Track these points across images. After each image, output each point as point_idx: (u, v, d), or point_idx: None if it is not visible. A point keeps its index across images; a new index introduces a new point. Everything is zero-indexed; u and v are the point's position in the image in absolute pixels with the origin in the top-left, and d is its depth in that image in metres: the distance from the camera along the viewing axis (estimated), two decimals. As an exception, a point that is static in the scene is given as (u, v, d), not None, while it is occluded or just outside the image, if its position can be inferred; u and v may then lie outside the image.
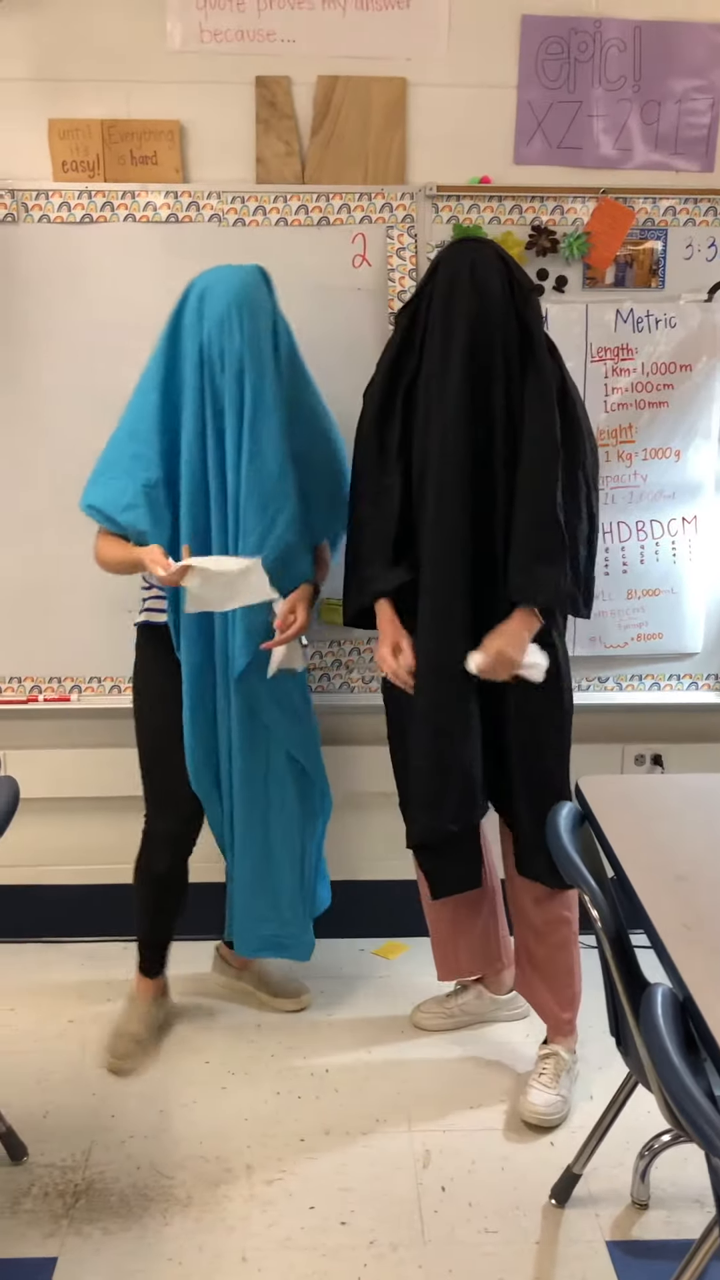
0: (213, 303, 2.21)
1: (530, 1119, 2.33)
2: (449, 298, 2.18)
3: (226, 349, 2.21)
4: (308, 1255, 2.02)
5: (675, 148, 2.64)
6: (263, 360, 2.23)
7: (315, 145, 2.59)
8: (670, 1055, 1.21)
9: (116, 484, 2.29)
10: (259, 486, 2.26)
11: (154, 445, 2.28)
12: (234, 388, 2.23)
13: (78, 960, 2.96)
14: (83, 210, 2.57)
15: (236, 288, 2.21)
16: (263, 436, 2.24)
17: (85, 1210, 2.11)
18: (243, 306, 2.20)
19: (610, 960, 1.67)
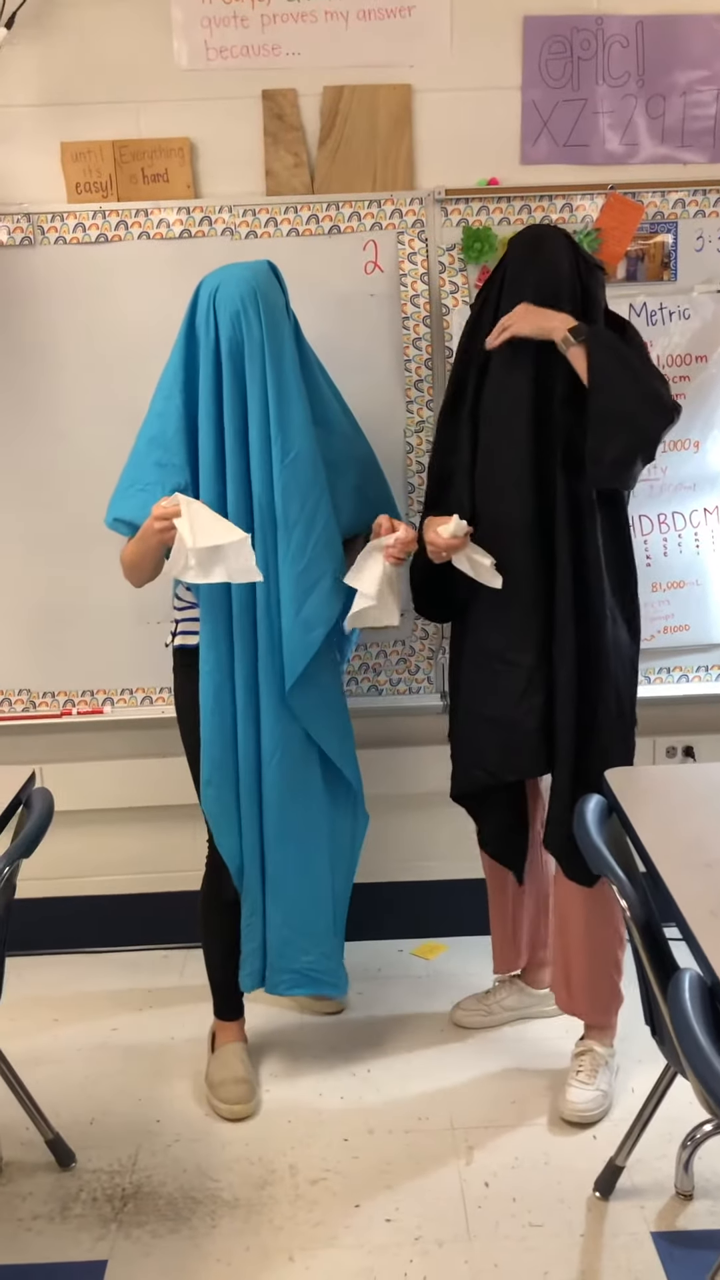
0: (226, 298, 2.18)
1: (570, 1117, 2.33)
2: (520, 272, 2.24)
3: (247, 340, 2.17)
4: (354, 1253, 2.03)
5: (682, 140, 2.65)
6: (283, 349, 2.21)
7: (323, 155, 2.62)
8: (698, 1038, 1.22)
9: (143, 495, 2.24)
10: (296, 477, 2.21)
11: (179, 451, 2.24)
12: (257, 379, 2.19)
13: (118, 969, 3.00)
14: (97, 230, 2.61)
15: (249, 280, 2.19)
16: (292, 427, 2.21)
17: (133, 1214, 2.14)
18: (258, 297, 2.18)
19: (641, 949, 1.68)
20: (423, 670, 2.89)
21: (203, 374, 2.22)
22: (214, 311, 2.19)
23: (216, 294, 2.20)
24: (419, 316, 2.67)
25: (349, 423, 2.43)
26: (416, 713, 2.91)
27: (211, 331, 2.20)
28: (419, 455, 2.75)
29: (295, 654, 2.27)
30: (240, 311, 2.17)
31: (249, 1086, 2.42)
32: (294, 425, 2.21)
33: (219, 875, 2.42)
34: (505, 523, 2.26)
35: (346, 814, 2.48)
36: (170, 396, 2.26)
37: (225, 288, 2.19)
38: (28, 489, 2.75)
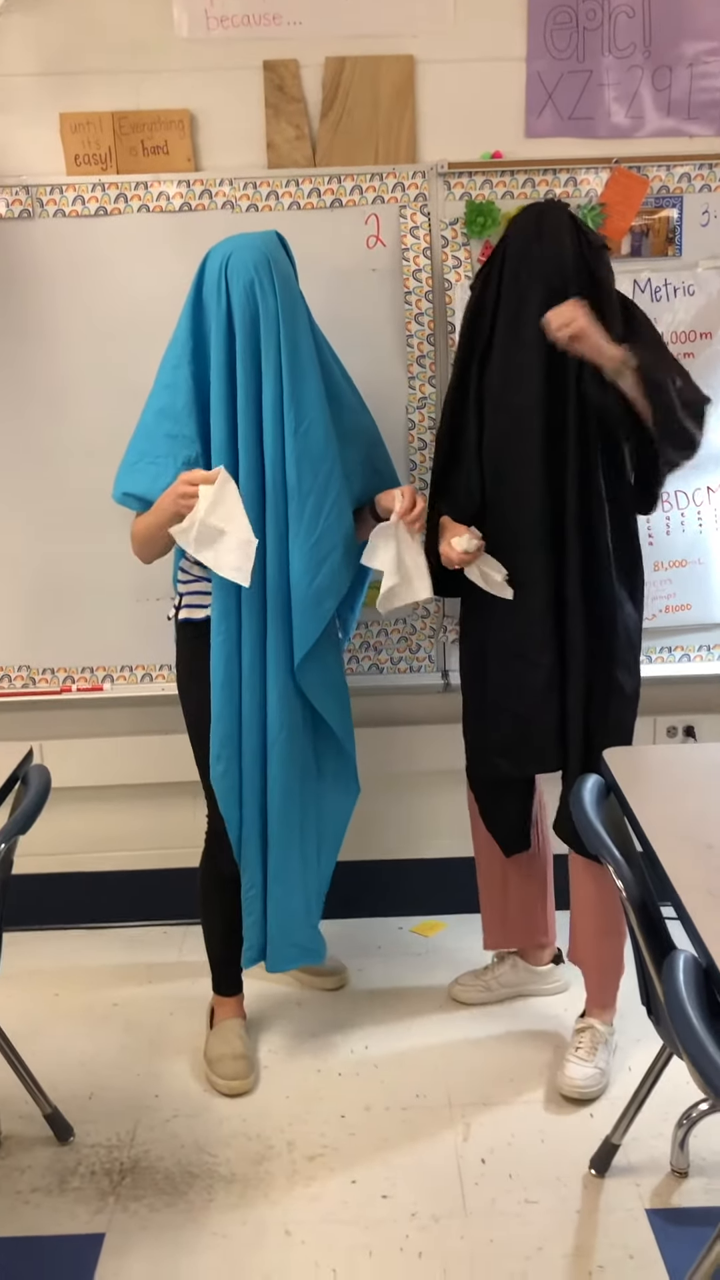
0: (239, 267, 2.14)
1: (568, 1093, 2.34)
2: (522, 254, 2.20)
3: (262, 309, 2.14)
4: (350, 1228, 2.04)
5: (688, 113, 2.61)
6: (296, 319, 2.19)
7: (325, 127, 2.59)
8: (691, 1020, 1.21)
9: (154, 468, 2.21)
10: (309, 447, 2.19)
11: (189, 423, 2.20)
12: (272, 348, 2.16)
13: (119, 945, 3.01)
14: (96, 203, 2.59)
15: (262, 249, 2.16)
16: (305, 397, 2.18)
17: (131, 1187, 2.15)
18: (271, 266, 2.15)
19: (636, 930, 1.68)
20: (424, 649, 2.88)
21: (214, 345, 2.19)
22: (225, 281, 2.16)
23: (228, 263, 2.16)
24: (421, 292, 2.65)
25: (355, 396, 2.41)
26: (417, 691, 2.91)
27: (223, 301, 2.17)
28: (421, 432, 2.73)
29: (307, 625, 2.26)
30: (255, 280, 2.14)
31: (247, 1062, 2.43)
32: (307, 395, 2.19)
33: (218, 849, 2.42)
34: (515, 508, 2.25)
35: (340, 787, 2.49)
36: (179, 367, 2.22)
37: (237, 256, 2.16)
38: (26, 464, 2.73)
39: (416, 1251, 1.99)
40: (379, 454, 2.45)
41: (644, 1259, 1.95)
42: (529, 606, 2.27)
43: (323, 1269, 1.96)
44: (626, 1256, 1.96)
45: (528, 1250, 1.98)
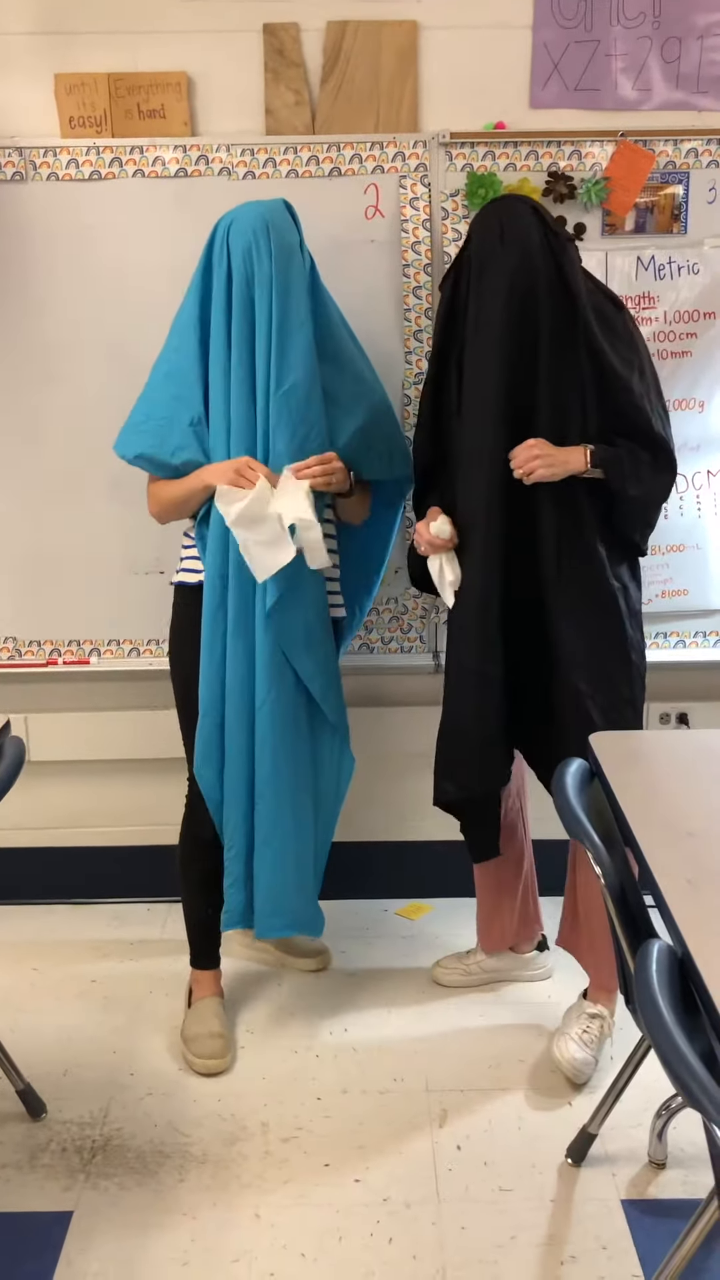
0: (239, 231, 2.19)
1: (567, 1068, 2.33)
2: (485, 257, 2.16)
3: (257, 271, 2.17)
4: (321, 1211, 2.02)
5: (698, 86, 2.55)
6: (290, 282, 2.19)
7: (325, 94, 2.54)
8: (661, 1010, 1.18)
9: (162, 429, 2.26)
10: (289, 408, 2.19)
11: (195, 385, 2.24)
12: (265, 310, 2.18)
13: (101, 921, 2.98)
14: (91, 167, 2.54)
15: (262, 213, 2.19)
16: (291, 357, 2.18)
17: (102, 1165, 2.13)
18: (269, 229, 2.18)
19: (614, 917, 1.64)
20: (415, 629, 2.84)
21: (215, 308, 2.23)
22: (227, 246, 2.20)
23: (230, 228, 2.21)
24: (420, 264, 2.60)
25: (365, 366, 2.40)
26: (408, 672, 2.87)
27: (224, 265, 2.21)
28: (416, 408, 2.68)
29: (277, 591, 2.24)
30: (251, 244, 2.18)
31: (224, 1042, 2.41)
32: (293, 356, 2.18)
33: (197, 813, 2.42)
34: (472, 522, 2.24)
35: (333, 757, 2.46)
36: (185, 331, 2.27)
37: (239, 222, 2.21)
38: (16, 431, 2.69)
39: (387, 1237, 1.96)
40: (382, 429, 2.40)
41: (616, 1250, 1.93)
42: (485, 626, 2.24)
43: (291, 1252, 1.93)
44: (599, 1247, 1.94)
45: (500, 1239, 1.96)
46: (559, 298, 2.14)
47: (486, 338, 2.16)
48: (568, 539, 2.22)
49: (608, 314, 2.22)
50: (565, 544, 2.22)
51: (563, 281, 2.14)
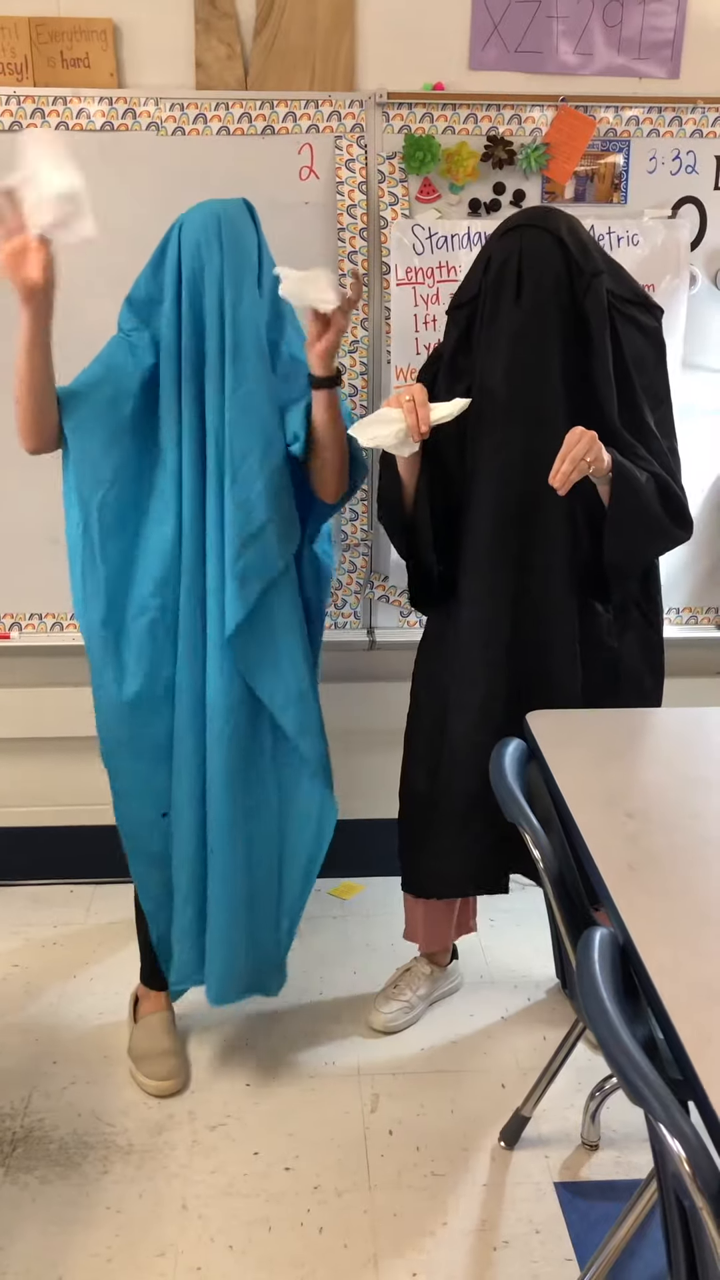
0: (191, 228, 2.04)
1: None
2: (498, 295, 2.02)
3: (207, 268, 2.02)
4: (250, 1201, 1.97)
5: (639, 52, 2.50)
6: (243, 281, 2.04)
7: (258, 48, 2.44)
8: (603, 999, 1.14)
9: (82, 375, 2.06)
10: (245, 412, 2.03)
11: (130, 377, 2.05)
12: (215, 310, 2.03)
13: (21, 903, 2.89)
14: (10, 117, 2.42)
15: (217, 211, 2.04)
16: (245, 360, 2.03)
17: (23, 1159, 2.06)
18: (221, 226, 2.03)
19: (553, 902, 1.61)
20: (349, 604, 2.78)
21: (165, 307, 2.06)
22: (179, 244, 2.05)
23: (182, 227, 2.06)
24: (355, 229, 2.52)
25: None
26: (342, 648, 2.81)
27: (175, 264, 2.05)
28: (351, 378, 2.61)
29: (232, 607, 2.05)
30: (202, 241, 2.02)
31: (178, 1060, 2.27)
32: (248, 359, 2.03)
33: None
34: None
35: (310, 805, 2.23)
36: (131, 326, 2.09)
37: (191, 218, 2.05)
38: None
39: (318, 1226, 1.92)
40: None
41: (549, 1233, 1.91)
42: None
43: (219, 1244, 1.89)
44: (533, 1230, 1.92)
45: (432, 1225, 1.93)
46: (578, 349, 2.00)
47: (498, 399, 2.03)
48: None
49: (637, 348, 2.07)
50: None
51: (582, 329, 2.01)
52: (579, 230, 2.05)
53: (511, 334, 2.01)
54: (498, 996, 2.54)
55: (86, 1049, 2.35)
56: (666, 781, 1.75)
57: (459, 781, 2.17)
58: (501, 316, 2.02)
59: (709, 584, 2.82)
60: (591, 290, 2.01)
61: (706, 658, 2.90)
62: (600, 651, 2.13)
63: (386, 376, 2.60)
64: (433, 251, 2.50)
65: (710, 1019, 1.15)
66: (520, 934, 2.74)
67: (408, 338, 2.54)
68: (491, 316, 2.04)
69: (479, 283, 2.07)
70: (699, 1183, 0.99)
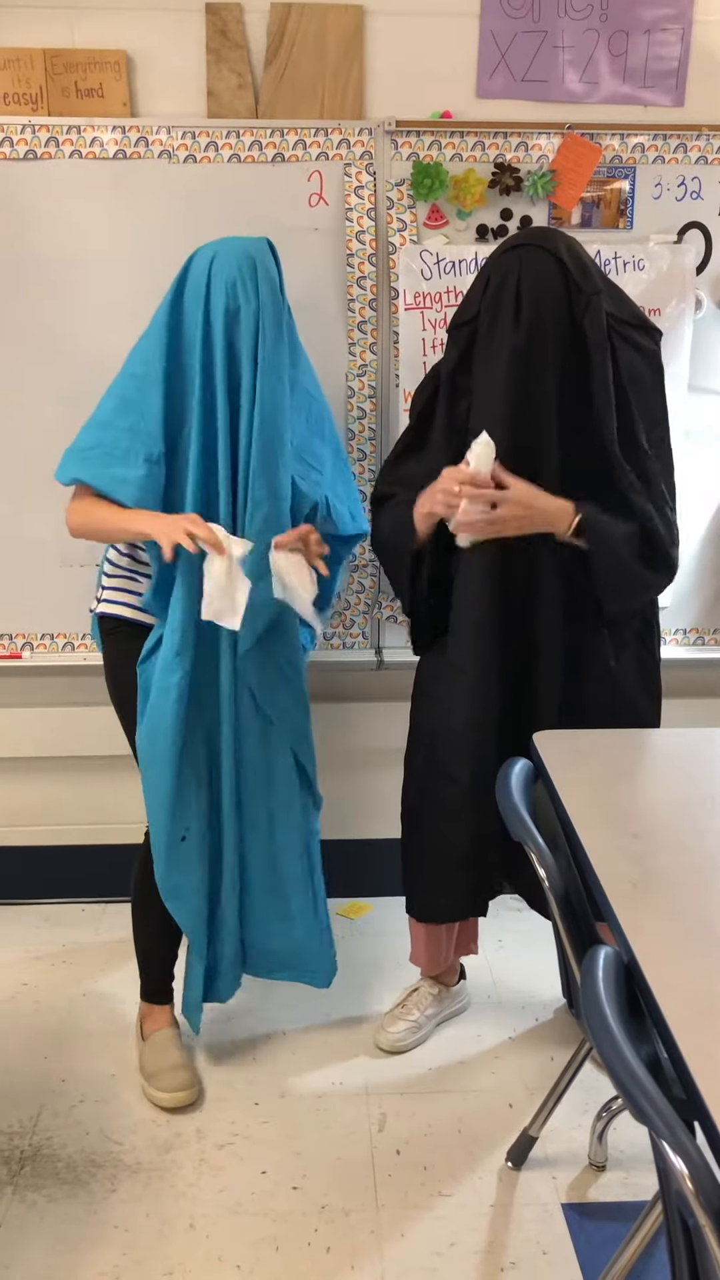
0: (224, 266, 2.06)
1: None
2: (496, 313, 2.03)
3: (244, 308, 2.05)
4: (257, 1220, 1.97)
5: (644, 81, 2.53)
6: (280, 324, 2.09)
7: (269, 77, 2.48)
8: (607, 1018, 1.15)
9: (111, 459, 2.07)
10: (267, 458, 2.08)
11: (155, 420, 2.07)
12: (250, 351, 2.06)
13: (31, 921, 2.90)
14: (25, 146, 2.46)
15: (250, 251, 2.08)
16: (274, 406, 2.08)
17: (31, 1177, 2.06)
18: (257, 267, 2.06)
19: (558, 921, 1.62)
20: (358, 625, 2.80)
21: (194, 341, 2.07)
22: (209, 280, 2.07)
23: (213, 262, 2.07)
24: (364, 254, 2.55)
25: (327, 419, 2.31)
26: (351, 669, 2.83)
27: (202, 300, 2.06)
28: (360, 400, 2.64)
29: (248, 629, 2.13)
30: (238, 280, 2.05)
31: (189, 1073, 2.28)
32: (270, 405, 2.07)
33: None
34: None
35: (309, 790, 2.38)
36: (151, 361, 2.09)
37: (223, 256, 2.07)
38: (-54, 419, 2.60)
39: (325, 1245, 1.92)
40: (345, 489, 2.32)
41: (557, 1255, 1.90)
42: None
43: (226, 1264, 1.89)
44: (540, 1252, 1.91)
45: (439, 1246, 1.93)
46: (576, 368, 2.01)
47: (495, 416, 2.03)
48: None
49: (635, 369, 2.07)
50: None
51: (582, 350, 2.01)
52: (578, 250, 2.07)
53: (510, 352, 2.02)
54: (505, 1017, 2.54)
55: (95, 1067, 2.36)
56: (672, 801, 1.76)
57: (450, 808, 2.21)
58: (499, 335, 2.03)
59: (716, 605, 2.83)
60: (590, 309, 2.01)
61: (715, 679, 2.91)
62: (597, 671, 2.15)
63: (395, 400, 2.63)
64: (440, 277, 2.53)
65: (714, 1037, 1.16)
66: (528, 955, 2.74)
67: (416, 362, 2.57)
68: (489, 334, 2.05)
69: (478, 302, 2.09)
70: (702, 1200, 1.00)
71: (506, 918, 2.88)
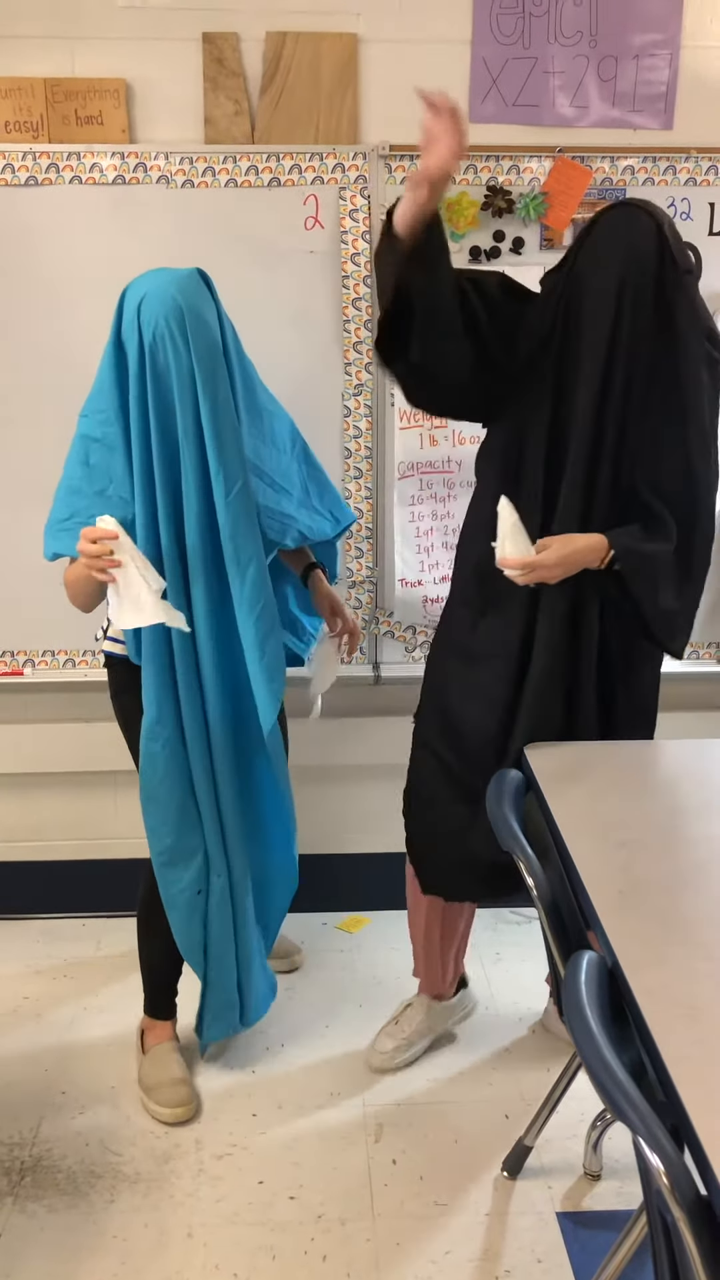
0: (149, 317, 1.93)
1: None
2: (594, 267, 1.95)
3: (174, 364, 1.93)
4: (254, 1230, 1.99)
5: (634, 105, 2.58)
6: (215, 371, 1.97)
7: (265, 104, 2.53)
8: (589, 1022, 1.18)
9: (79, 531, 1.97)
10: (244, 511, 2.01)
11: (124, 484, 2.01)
12: (189, 407, 1.96)
13: (32, 936, 2.93)
14: (27, 172, 2.51)
15: (174, 297, 1.93)
16: (231, 457, 1.99)
17: (31, 1188, 2.08)
18: (184, 316, 1.92)
19: (547, 929, 1.64)
20: (355, 640, 2.83)
21: (132, 401, 1.98)
22: (139, 329, 1.95)
23: (141, 310, 1.95)
24: (359, 276, 2.60)
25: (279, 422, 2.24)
26: (348, 684, 2.85)
27: (137, 351, 1.96)
28: (356, 419, 2.68)
29: (265, 704, 2.10)
30: (165, 333, 1.92)
31: (188, 1088, 2.30)
32: (233, 455, 1.99)
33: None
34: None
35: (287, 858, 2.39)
36: (108, 423, 2.02)
37: (150, 303, 1.94)
38: (-51, 440, 2.65)
39: (321, 1255, 1.94)
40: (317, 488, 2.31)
41: (551, 1263, 1.92)
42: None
43: (223, 1272, 1.91)
44: (534, 1260, 1.93)
45: (435, 1254, 1.94)
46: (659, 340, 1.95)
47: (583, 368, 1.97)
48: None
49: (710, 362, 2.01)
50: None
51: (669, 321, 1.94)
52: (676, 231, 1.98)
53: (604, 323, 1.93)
54: (502, 1028, 2.56)
55: (95, 1080, 2.38)
56: (659, 811, 1.78)
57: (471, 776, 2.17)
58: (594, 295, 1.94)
59: (711, 620, 2.85)
60: (682, 286, 1.94)
61: (709, 692, 2.94)
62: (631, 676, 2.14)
63: (390, 419, 2.67)
64: (434, 297, 2.57)
65: (693, 1040, 1.18)
66: (524, 967, 2.76)
67: (410, 380, 2.60)
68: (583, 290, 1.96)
69: (579, 247, 2.00)
70: (677, 1196, 1.02)
71: (505, 931, 2.91)
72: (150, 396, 1.97)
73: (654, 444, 1.99)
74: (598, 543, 1.96)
